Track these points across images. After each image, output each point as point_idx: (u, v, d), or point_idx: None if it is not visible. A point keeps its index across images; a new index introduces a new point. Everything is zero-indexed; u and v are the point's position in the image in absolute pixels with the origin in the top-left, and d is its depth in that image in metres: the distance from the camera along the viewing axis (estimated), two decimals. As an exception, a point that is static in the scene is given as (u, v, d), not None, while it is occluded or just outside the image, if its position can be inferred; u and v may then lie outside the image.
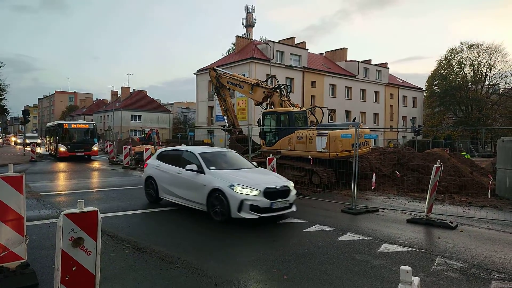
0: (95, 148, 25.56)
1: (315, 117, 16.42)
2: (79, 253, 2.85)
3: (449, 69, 53.69)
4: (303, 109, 15.79)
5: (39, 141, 41.33)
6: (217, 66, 24.10)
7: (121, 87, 70.98)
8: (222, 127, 19.85)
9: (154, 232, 6.94)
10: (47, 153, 29.18)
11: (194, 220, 7.97)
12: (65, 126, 24.87)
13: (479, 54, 51.27)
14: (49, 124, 31.88)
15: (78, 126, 25.79)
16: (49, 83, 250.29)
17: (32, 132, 73.00)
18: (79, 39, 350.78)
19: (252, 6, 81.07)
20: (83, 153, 24.48)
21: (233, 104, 23.10)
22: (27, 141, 33.74)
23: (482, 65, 51.33)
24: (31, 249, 5.14)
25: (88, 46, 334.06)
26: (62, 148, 23.81)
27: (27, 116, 27.60)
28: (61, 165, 21.05)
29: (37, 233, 6.41)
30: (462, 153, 20.74)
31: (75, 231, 2.82)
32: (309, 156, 12.58)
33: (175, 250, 5.77)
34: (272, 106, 15.82)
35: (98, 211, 2.94)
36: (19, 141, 35.01)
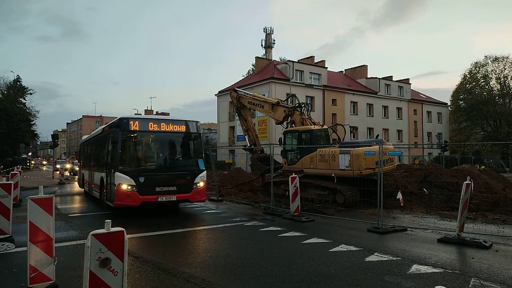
0: (201, 183, 10.97)
1: (337, 135, 16.26)
2: (106, 273, 2.88)
3: (474, 83, 52.38)
4: (325, 127, 15.69)
5: (68, 165, 40.21)
6: (237, 87, 24.45)
7: (144, 110, 72.99)
8: (243, 147, 19.92)
9: (179, 253, 6.93)
10: (84, 188, 16.98)
11: (217, 239, 7.92)
12: (134, 126, 10.33)
13: (505, 67, 49.92)
14: (91, 134, 17.31)
15: (165, 128, 10.75)
16: (73, 109, 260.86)
17: (61, 157, 75.68)
18: (99, 66, 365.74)
19: (271, 27, 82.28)
20: (174, 198, 10.39)
21: (254, 124, 23.23)
22: (58, 166, 34.66)
23: (509, 78, 49.88)
24: (59, 270, 5.22)
25: (108, 71, 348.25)
26: (126, 185, 9.92)
27: (56, 140, 28.66)
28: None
29: (65, 254, 6.52)
30: (481, 166, 19.95)
31: (102, 251, 2.85)
32: (332, 175, 12.40)
33: (200, 271, 5.73)
34: (293, 125, 15.80)
35: (125, 231, 2.97)
36: (58, 166, 34.67)
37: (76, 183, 24.46)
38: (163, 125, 10.59)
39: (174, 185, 10.27)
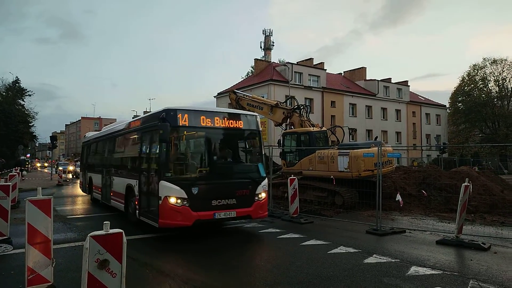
0: (263, 194, 8.66)
1: (336, 137, 16.28)
2: (104, 275, 2.87)
3: (472, 85, 52.55)
4: (324, 129, 15.71)
5: (71, 167, 38.46)
6: (236, 89, 24.46)
7: (143, 111, 72.92)
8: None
9: (178, 255, 6.92)
10: (91, 194, 14.55)
11: (216, 241, 7.92)
12: (184, 120, 7.89)
13: (503, 70, 50.12)
14: (105, 130, 13.84)
15: (220, 123, 8.43)
16: (71, 110, 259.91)
17: (60, 158, 75.51)
18: (98, 67, 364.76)
19: (270, 29, 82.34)
20: (233, 213, 8.04)
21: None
22: (60, 168, 33.16)
23: (508, 81, 50.06)
24: (57, 272, 5.21)
25: (107, 73, 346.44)
26: (175, 198, 7.46)
27: (54, 142, 28.63)
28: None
29: (63, 256, 6.51)
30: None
31: (101, 253, 2.85)
32: (331, 176, 12.42)
33: (198, 273, 5.72)
34: (292, 127, 15.82)
35: (123, 233, 2.97)
36: (61, 168, 32.97)
37: (77, 185, 24.37)
38: (217, 119, 8.34)
39: (234, 197, 8.02)
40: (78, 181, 20.49)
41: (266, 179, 8.95)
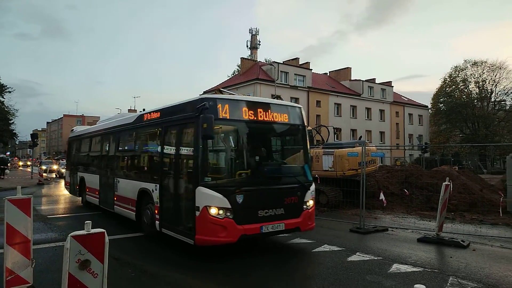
0: (311, 201, 7.20)
1: (321, 136, 16.41)
2: (85, 275, 2.82)
3: (454, 86, 53.74)
4: (309, 128, 15.78)
5: (55, 166, 36.50)
6: (222, 87, 24.39)
7: (128, 110, 71.88)
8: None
9: (162, 255, 6.86)
10: (83, 197, 12.80)
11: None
12: (224, 112, 6.43)
13: (484, 71, 51.39)
14: (105, 124, 11.93)
15: (264, 116, 6.93)
16: (54, 108, 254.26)
17: (41, 157, 73.80)
18: (82, 65, 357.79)
19: (256, 28, 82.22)
20: (282, 226, 6.64)
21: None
22: (43, 167, 31.11)
23: (487, 82, 51.34)
24: (37, 272, 5.10)
25: (92, 71, 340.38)
26: (217, 209, 6.05)
27: (35, 140, 27.94)
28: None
29: (43, 257, 6.37)
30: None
31: (82, 253, 2.80)
32: (316, 175, 12.51)
33: (183, 273, 5.68)
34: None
35: (106, 232, 2.92)
36: (44, 167, 31.14)
37: (60, 184, 23.86)
38: (260, 111, 6.82)
39: (282, 205, 6.66)
40: (63, 181, 19.30)
41: (313, 183, 7.52)
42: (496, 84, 50.83)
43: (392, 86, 52.95)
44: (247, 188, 6.30)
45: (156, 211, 7.34)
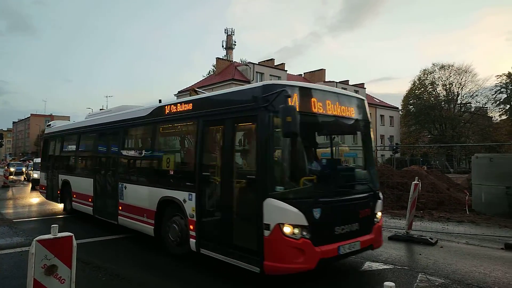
0: (379, 213, 6.04)
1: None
2: (52, 281, 2.72)
3: (422, 89, 55.70)
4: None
5: (24, 168, 33.17)
6: (197, 87, 24.20)
7: (100, 109, 70.09)
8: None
9: (133, 258, 6.71)
10: (68, 204, 11.11)
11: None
12: (294, 101, 4.92)
13: (451, 75, 53.57)
14: (104, 116, 10.08)
15: (333, 110, 5.53)
16: (21, 107, 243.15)
17: (6, 158, 70.57)
18: (51, 62, 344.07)
19: (232, 28, 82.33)
20: (358, 245, 5.37)
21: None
22: (11, 169, 28.84)
23: (454, 85, 53.55)
24: (1, 279, 4.88)
25: (60, 69, 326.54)
26: (291, 227, 4.69)
27: (1, 141, 26.71)
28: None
29: (8, 262, 6.09)
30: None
31: (48, 258, 2.69)
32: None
33: (154, 275, 5.59)
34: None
35: (73, 236, 2.83)
36: (13, 169, 28.79)
37: (26, 187, 22.93)
38: (328, 103, 5.46)
39: (357, 219, 5.47)
40: (30, 184, 18.02)
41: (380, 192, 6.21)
42: (462, 87, 53.17)
43: (365, 88, 54.29)
44: (325, 200, 5.03)
45: (191, 227, 5.98)
